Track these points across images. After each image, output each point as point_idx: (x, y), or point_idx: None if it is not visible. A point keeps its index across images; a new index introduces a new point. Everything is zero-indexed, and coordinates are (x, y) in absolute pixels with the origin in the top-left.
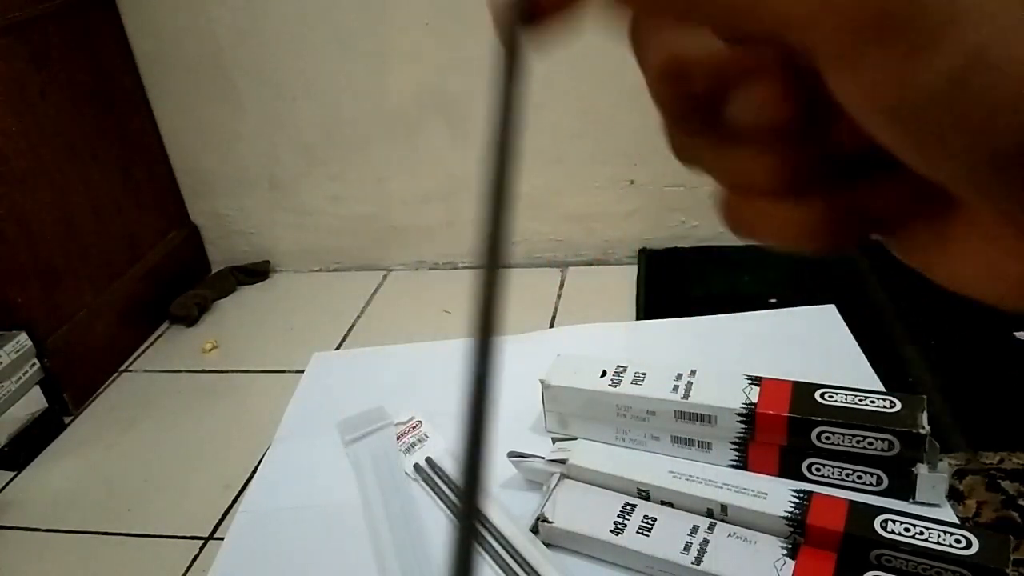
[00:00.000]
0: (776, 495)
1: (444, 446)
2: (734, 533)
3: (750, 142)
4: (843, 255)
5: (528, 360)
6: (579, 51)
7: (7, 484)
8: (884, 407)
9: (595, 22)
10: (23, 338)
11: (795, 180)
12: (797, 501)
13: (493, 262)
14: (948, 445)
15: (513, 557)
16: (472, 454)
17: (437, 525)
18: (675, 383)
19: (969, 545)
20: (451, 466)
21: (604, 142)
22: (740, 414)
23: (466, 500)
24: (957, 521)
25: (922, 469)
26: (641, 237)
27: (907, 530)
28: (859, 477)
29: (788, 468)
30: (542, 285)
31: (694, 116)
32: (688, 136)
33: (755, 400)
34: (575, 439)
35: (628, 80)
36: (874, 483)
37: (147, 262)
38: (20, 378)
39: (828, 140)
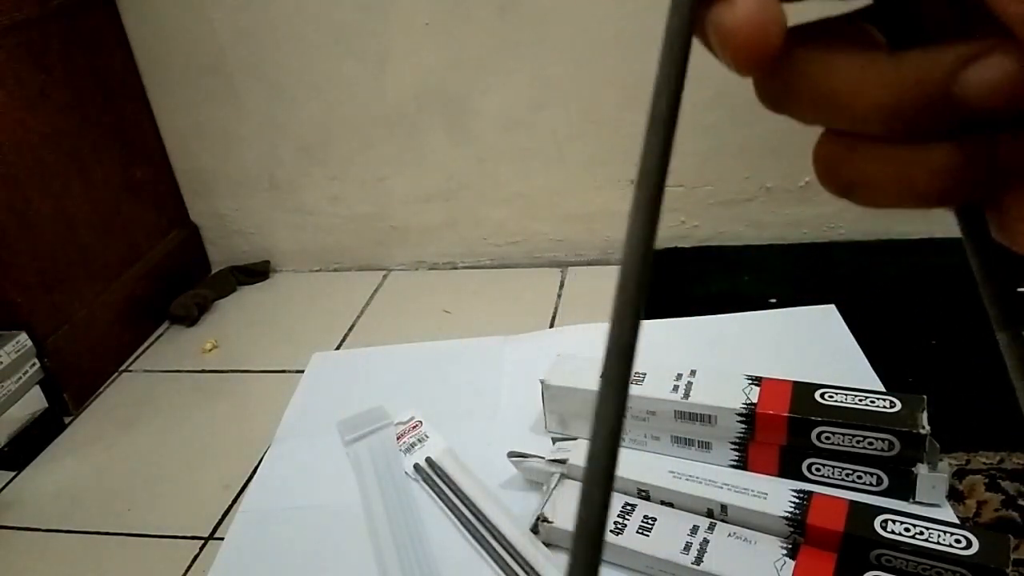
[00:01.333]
0: (776, 495)
1: (444, 446)
2: (734, 533)
3: (876, 71)
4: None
5: (528, 360)
6: (579, 50)
7: (7, 484)
8: (884, 407)
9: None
10: (23, 338)
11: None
12: (797, 501)
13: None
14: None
15: (513, 557)
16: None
17: (437, 525)
18: (675, 383)
19: (969, 545)
20: (451, 466)
21: (604, 142)
22: (740, 414)
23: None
24: (957, 521)
25: (922, 469)
26: None
27: (907, 530)
28: (859, 477)
29: (788, 468)
30: (542, 285)
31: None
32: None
33: (755, 400)
34: (575, 439)
35: (628, 80)
36: (874, 483)
37: (147, 262)
38: (20, 378)
39: None
